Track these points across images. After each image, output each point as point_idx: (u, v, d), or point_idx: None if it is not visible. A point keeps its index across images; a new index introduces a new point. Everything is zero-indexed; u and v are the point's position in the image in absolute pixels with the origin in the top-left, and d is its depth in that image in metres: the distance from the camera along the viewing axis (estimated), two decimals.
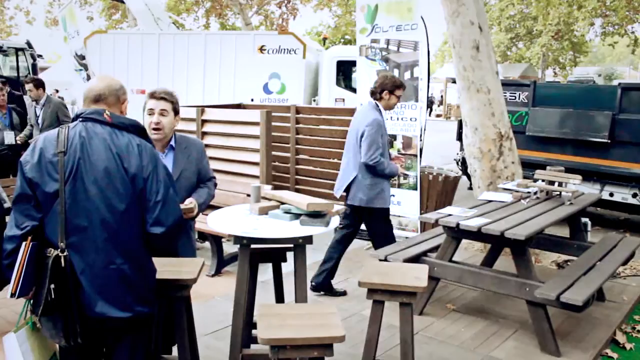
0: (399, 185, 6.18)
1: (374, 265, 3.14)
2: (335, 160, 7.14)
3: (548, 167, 5.38)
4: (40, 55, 13.63)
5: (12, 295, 2.28)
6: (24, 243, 2.26)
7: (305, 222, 2.79)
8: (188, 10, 20.93)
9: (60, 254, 2.23)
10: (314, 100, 10.34)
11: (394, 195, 6.28)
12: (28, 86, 6.74)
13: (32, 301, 2.38)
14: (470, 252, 6.02)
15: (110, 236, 2.27)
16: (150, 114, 3.04)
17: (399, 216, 6.19)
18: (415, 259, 4.35)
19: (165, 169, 2.44)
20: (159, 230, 2.39)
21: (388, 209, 4.77)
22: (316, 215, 2.82)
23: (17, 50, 12.93)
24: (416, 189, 6.04)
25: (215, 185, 3.24)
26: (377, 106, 4.69)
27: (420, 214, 5.93)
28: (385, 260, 4.29)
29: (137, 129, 2.42)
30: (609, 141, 6.86)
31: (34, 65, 12.82)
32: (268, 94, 9.91)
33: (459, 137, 8.50)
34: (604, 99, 7.12)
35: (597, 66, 40.74)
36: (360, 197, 4.59)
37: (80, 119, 2.38)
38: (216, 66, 10.15)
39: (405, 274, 2.98)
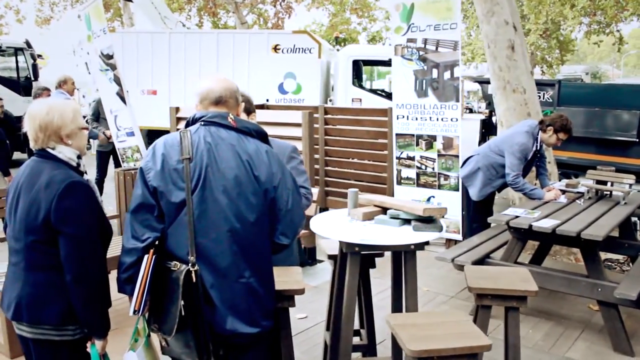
0: (440, 187, 6.15)
1: (475, 269, 3.09)
2: (365, 161, 7.10)
3: (598, 167, 5.40)
4: (40, 55, 13.28)
5: (135, 312, 2.14)
6: (145, 256, 2.12)
7: (419, 228, 2.72)
8: (181, 9, 20.67)
9: (191, 269, 2.09)
10: (330, 100, 10.26)
11: (433, 197, 6.26)
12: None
13: (150, 318, 2.25)
14: None
15: (240, 248, 2.15)
16: None
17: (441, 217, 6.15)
18: (481, 261, 4.33)
19: (290, 174, 2.35)
20: (287, 240, 2.31)
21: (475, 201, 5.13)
22: (429, 220, 2.76)
23: (17, 50, 12.61)
24: (457, 190, 6.01)
25: (306, 198, 2.93)
26: (537, 134, 4.91)
27: (463, 214, 5.91)
28: (452, 262, 4.27)
29: (260, 134, 2.30)
30: (638, 140, 6.93)
31: (35, 66, 12.47)
32: (283, 94, 9.81)
33: (483, 138, 8.52)
34: (631, 98, 7.20)
35: (581, 65, 41.31)
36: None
37: (202, 123, 2.22)
38: (229, 66, 10.00)
39: (511, 278, 2.94)
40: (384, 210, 2.95)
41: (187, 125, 2.28)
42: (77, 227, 2.13)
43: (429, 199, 6.29)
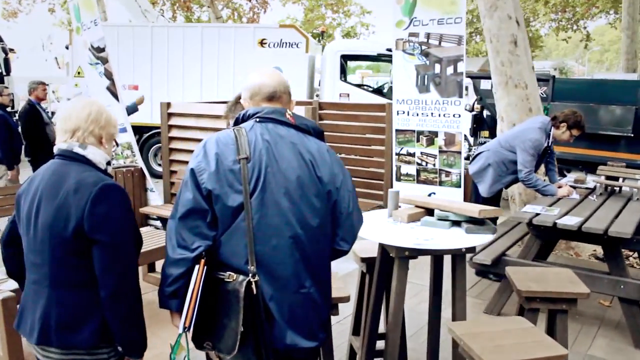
0: (441, 183, 6.06)
1: (518, 271, 2.99)
2: (361, 157, 6.97)
3: (609, 163, 5.39)
4: (12, 49, 12.69)
5: (186, 328, 1.95)
6: (196, 266, 1.92)
7: (472, 230, 2.60)
8: (154, 3, 20.12)
9: (251, 279, 1.91)
10: (317, 96, 10.09)
11: (434, 193, 6.17)
12: None
13: (200, 335, 2.06)
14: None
15: (302, 256, 1.98)
16: None
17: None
18: (498, 260, 4.25)
19: (350, 175, 2.20)
20: (348, 246, 2.15)
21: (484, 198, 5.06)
22: (481, 222, 2.64)
23: None
24: (459, 187, 5.93)
25: None
26: (549, 130, 4.85)
27: None
28: (470, 260, 4.20)
29: (317, 132, 2.14)
30: (633, 135, 6.97)
31: (7, 60, 11.90)
32: None
33: (474, 133, 8.49)
34: (626, 93, 7.22)
35: (548, 60, 42.05)
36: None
37: (257, 119, 2.03)
38: (214, 60, 9.73)
39: (558, 279, 2.85)
40: (428, 210, 2.82)
41: (236, 123, 2.09)
42: (115, 235, 1.91)
43: (429, 195, 6.20)
